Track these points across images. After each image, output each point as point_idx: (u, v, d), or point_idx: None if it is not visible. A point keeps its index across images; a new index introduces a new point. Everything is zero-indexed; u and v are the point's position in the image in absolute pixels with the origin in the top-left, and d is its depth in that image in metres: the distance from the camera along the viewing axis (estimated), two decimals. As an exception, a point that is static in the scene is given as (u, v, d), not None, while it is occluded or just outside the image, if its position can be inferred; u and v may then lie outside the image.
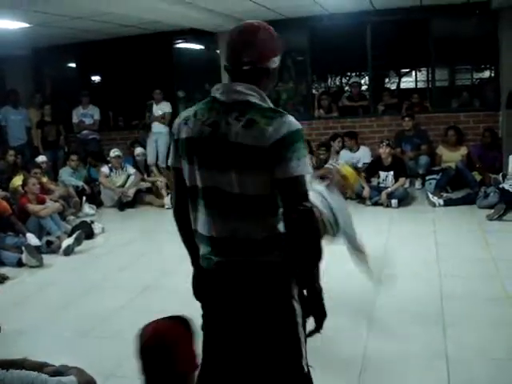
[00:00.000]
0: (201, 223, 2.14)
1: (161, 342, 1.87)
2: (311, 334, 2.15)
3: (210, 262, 2.15)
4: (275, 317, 2.09)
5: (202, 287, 2.27)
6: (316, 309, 2.10)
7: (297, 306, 2.11)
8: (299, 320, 2.12)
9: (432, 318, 4.24)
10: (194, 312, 2.20)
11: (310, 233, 1.98)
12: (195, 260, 2.28)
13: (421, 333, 4.00)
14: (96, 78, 13.33)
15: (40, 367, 2.31)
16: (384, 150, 8.51)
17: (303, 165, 1.96)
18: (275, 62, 2.11)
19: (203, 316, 2.27)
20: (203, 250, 2.17)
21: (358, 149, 9.69)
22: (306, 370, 2.17)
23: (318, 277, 2.07)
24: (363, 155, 9.61)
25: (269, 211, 2.04)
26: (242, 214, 2.04)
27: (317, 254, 2.00)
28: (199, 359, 2.00)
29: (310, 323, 2.15)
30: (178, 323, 1.92)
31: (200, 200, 2.12)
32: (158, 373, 1.88)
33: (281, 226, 2.05)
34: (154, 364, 1.87)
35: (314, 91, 11.99)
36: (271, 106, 2.08)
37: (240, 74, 2.06)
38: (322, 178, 9.20)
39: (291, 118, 2.00)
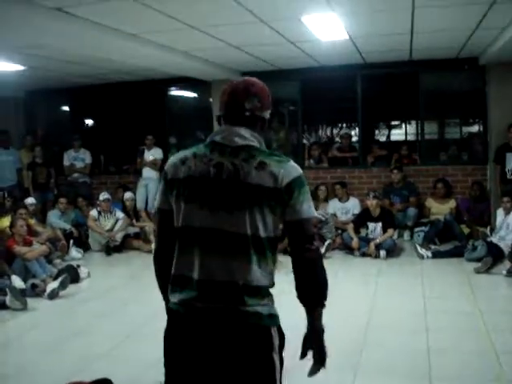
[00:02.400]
0: (190, 266, 2.07)
1: None
2: (313, 372, 2.19)
3: (190, 307, 2.06)
4: (254, 370, 2.04)
5: (177, 333, 2.13)
6: (318, 348, 2.17)
7: (276, 358, 2.07)
8: (277, 376, 2.09)
9: (419, 372, 4.17)
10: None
11: (319, 270, 2.08)
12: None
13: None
14: (88, 122, 13.41)
15: None
16: (371, 202, 8.56)
17: (311, 207, 2.10)
18: (268, 114, 2.26)
19: (169, 366, 2.16)
20: (184, 295, 2.08)
21: (347, 199, 9.74)
22: None
23: (322, 316, 2.13)
24: (353, 206, 9.65)
25: (271, 255, 2.09)
26: (246, 256, 2.03)
27: (325, 291, 2.10)
28: None
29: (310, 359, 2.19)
30: None
31: (195, 241, 2.07)
32: None
33: (272, 276, 2.10)
34: None
35: (304, 141, 12.08)
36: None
37: (240, 120, 2.16)
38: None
39: (295, 163, 2.13)
